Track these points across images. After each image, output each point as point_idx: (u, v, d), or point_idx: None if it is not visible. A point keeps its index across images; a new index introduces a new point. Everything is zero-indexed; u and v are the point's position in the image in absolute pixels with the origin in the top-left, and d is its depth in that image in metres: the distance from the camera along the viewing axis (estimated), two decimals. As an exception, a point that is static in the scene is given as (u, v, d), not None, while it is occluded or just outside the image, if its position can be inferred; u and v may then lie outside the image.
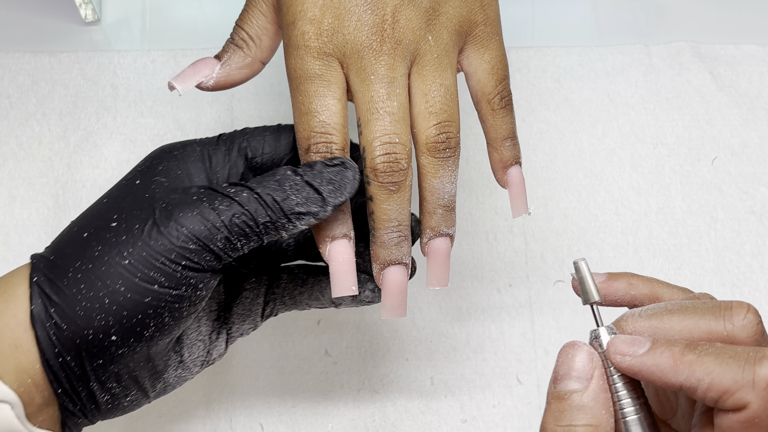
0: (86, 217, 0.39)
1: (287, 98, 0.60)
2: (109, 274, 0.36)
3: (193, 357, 0.41)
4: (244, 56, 0.42)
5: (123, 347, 0.36)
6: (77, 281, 0.36)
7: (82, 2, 0.60)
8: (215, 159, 0.41)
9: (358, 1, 0.38)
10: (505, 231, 0.57)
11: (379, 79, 0.38)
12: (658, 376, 0.32)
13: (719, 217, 0.58)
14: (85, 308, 0.35)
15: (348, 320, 0.54)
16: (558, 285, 0.56)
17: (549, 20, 0.64)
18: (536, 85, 0.61)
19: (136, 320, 0.36)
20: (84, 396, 0.37)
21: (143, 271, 0.36)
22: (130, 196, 0.38)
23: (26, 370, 0.36)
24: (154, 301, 0.36)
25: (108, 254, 0.36)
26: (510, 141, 0.42)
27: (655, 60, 0.63)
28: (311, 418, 0.52)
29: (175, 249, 0.36)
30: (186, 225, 0.36)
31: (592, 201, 0.58)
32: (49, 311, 0.36)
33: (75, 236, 0.38)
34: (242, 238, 0.37)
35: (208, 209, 0.36)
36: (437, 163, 0.39)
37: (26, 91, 0.59)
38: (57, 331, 0.36)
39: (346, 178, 0.38)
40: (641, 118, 0.61)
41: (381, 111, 0.38)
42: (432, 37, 0.39)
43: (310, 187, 0.37)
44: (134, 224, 0.37)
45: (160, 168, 0.40)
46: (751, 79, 0.62)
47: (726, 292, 0.57)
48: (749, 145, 0.60)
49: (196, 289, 0.37)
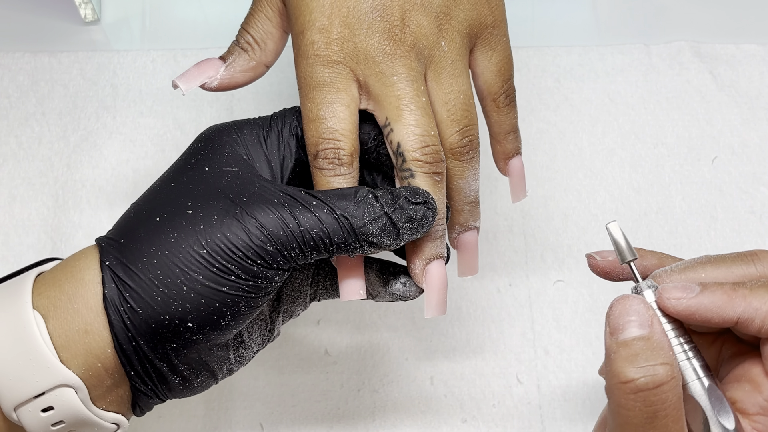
0: (154, 200, 0.38)
1: (287, 98, 0.61)
2: (187, 261, 0.36)
3: (254, 337, 0.41)
4: (249, 59, 0.43)
5: (198, 334, 0.36)
6: (153, 266, 0.36)
7: (81, 2, 0.60)
8: (270, 141, 0.40)
9: (367, 9, 0.39)
10: (505, 231, 0.57)
11: (403, 78, 0.39)
12: (716, 313, 0.34)
13: (719, 216, 0.58)
14: (163, 294, 0.35)
15: (348, 320, 0.54)
16: (558, 285, 0.56)
17: (549, 20, 0.64)
18: (536, 85, 0.61)
19: (214, 308, 0.36)
20: (156, 378, 0.38)
21: (221, 262, 0.36)
22: (202, 184, 0.38)
23: (96, 354, 0.36)
24: (231, 290, 0.36)
25: (185, 242, 0.36)
26: (513, 134, 0.44)
27: (655, 60, 0.63)
28: (311, 417, 0.52)
29: (252, 247, 0.36)
30: (266, 226, 0.36)
31: (592, 201, 0.58)
32: (124, 295, 0.36)
33: (145, 220, 0.37)
34: (314, 251, 0.37)
35: (289, 216, 0.36)
36: (462, 165, 0.41)
37: (26, 90, 0.59)
38: (132, 315, 0.36)
39: (426, 218, 0.38)
40: (641, 118, 0.61)
41: (412, 106, 0.39)
42: (445, 43, 0.40)
43: (389, 219, 0.37)
44: (212, 214, 0.36)
45: (226, 154, 0.39)
46: (751, 79, 0.62)
47: (726, 291, 0.57)
48: (749, 145, 0.60)
49: (271, 281, 0.37)
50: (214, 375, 0.40)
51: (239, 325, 0.38)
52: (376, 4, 0.39)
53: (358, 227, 0.37)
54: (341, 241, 0.37)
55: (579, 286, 0.56)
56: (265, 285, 0.37)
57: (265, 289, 0.37)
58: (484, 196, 0.58)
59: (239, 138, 0.40)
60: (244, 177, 0.38)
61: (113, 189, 0.56)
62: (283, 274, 0.38)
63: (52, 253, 0.55)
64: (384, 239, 0.37)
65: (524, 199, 0.46)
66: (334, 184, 0.39)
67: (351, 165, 0.39)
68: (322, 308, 0.55)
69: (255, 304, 0.37)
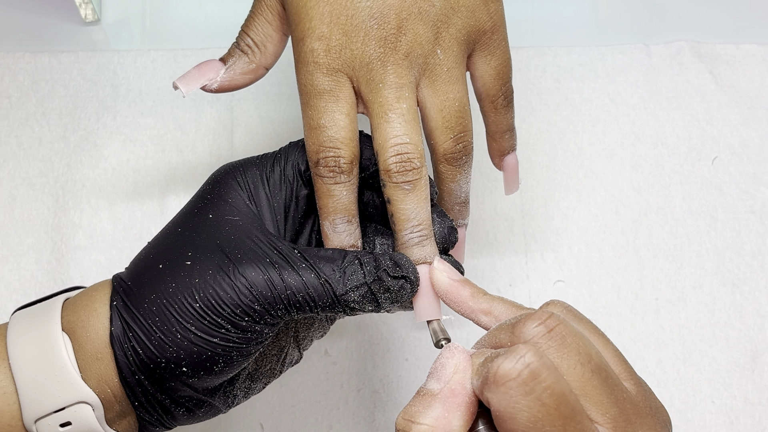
0: (161, 245, 0.40)
1: (287, 98, 0.61)
2: (182, 312, 0.37)
3: (263, 370, 0.43)
4: (249, 62, 0.43)
5: (193, 377, 0.38)
6: (152, 313, 0.37)
7: (82, 2, 0.60)
8: (272, 180, 0.41)
9: (365, 17, 0.39)
10: (505, 231, 0.57)
11: (388, 85, 0.39)
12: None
13: (719, 216, 0.58)
14: (159, 339, 0.37)
15: (348, 320, 0.54)
16: (558, 285, 0.56)
17: (549, 20, 0.64)
18: (536, 85, 0.61)
19: (206, 356, 0.38)
20: (160, 409, 0.39)
21: (211, 316, 0.37)
22: (204, 234, 0.39)
23: (106, 381, 0.38)
24: (222, 341, 0.38)
25: (181, 293, 0.37)
26: (509, 133, 0.45)
27: (655, 60, 0.63)
28: (311, 418, 0.52)
29: (241, 305, 0.37)
30: (255, 286, 0.37)
31: (593, 201, 0.58)
32: (127, 335, 0.38)
33: (151, 265, 0.39)
34: (300, 311, 0.38)
35: (278, 277, 0.38)
36: (455, 170, 0.42)
37: (26, 90, 0.59)
38: (134, 353, 0.38)
39: (404, 290, 0.39)
40: (641, 118, 0.61)
41: (390, 114, 0.39)
42: (441, 51, 0.40)
43: (370, 290, 0.38)
44: (207, 268, 0.38)
45: (230, 200, 0.40)
46: (752, 79, 0.62)
47: (726, 292, 0.57)
48: (749, 145, 0.60)
49: (261, 334, 0.38)
50: (218, 408, 0.41)
51: (234, 370, 0.39)
52: (374, 12, 0.39)
53: (339, 294, 0.38)
54: (325, 305, 0.38)
55: (579, 287, 0.56)
56: (255, 337, 0.38)
57: (255, 340, 0.38)
58: (484, 196, 0.58)
59: (243, 181, 0.41)
60: (243, 228, 0.39)
61: (113, 189, 0.56)
62: (273, 328, 0.39)
63: (52, 253, 0.55)
64: (365, 306, 0.38)
65: (516, 191, 0.48)
66: (335, 191, 0.40)
67: (351, 173, 0.40)
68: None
69: (248, 353, 0.39)
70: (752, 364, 0.55)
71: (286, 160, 0.41)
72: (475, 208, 0.58)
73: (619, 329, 0.55)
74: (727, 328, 0.56)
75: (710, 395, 0.54)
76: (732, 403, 0.54)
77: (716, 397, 0.54)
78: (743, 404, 0.54)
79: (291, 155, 0.42)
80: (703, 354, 0.55)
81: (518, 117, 0.60)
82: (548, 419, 0.29)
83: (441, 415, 0.32)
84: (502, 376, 0.30)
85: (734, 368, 0.55)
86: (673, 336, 0.55)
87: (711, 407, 0.54)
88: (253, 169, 0.41)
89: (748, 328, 0.56)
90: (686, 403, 0.54)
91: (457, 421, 0.32)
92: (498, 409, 0.30)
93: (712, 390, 0.54)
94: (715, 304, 0.56)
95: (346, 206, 0.40)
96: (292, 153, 0.42)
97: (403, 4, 0.39)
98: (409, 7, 0.39)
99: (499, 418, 0.30)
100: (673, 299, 0.56)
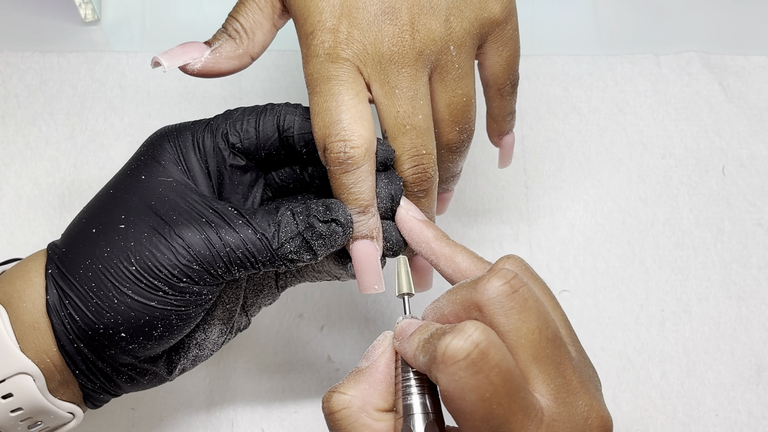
0: (93, 208, 0.40)
1: (295, 102, 0.60)
2: (118, 276, 0.37)
3: (211, 337, 0.42)
4: (236, 47, 0.42)
5: (133, 343, 0.38)
6: (88, 279, 0.37)
7: (81, 2, 0.60)
8: (206, 147, 0.41)
9: (375, 11, 0.39)
10: (511, 239, 0.57)
11: (404, 93, 0.39)
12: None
13: (726, 229, 0.58)
14: (96, 305, 0.37)
15: (351, 326, 0.54)
16: (563, 295, 0.56)
17: (558, 29, 0.64)
18: (545, 94, 0.61)
19: (144, 321, 0.37)
20: (102, 378, 0.39)
21: (149, 279, 0.37)
22: (137, 195, 0.39)
23: (44, 350, 0.38)
24: (160, 305, 0.37)
25: (116, 257, 0.37)
26: (510, 116, 0.46)
27: (664, 70, 0.62)
28: (313, 423, 0.52)
29: (179, 266, 0.37)
30: (193, 246, 0.37)
31: (599, 211, 0.58)
32: (64, 302, 0.37)
33: (84, 230, 0.38)
34: (241, 269, 0.38)
35: (215, 236, 0.37)
36: (456, 155, 0.43)
37: (34, 90, 0.59)
38: (71, 321, 0.37)
39: (336, 233, 0.38)
40: (649, 128, 0.61)
41: (407, 126, 0.39)
42: (454, 47, 0.40)
43: (303, 239, 0.38)
44: (143, 231, 0.37)
45: (164, 162, 0.40)
46: (761, 91, 0.62)
47: (732, 304, 0.56)
48: (758, 157, 0.60)
49: (200, 295, 0.38)
50: (161, 377, 0.41)
51: (175, 335, 0.39)
52: (385, 6, 0.39)
53: (276, 248, 0.38)
54: (266, 260, 0.38)
55: (584, 297, 0.56)
56: (195, 299, 0.38)
57: (195, 303, 0.38)
58: (490, 204, 0.58)
59: (175, 144, 0.40)
60: (177, 190, 0.39)
61: (119, 190, 0.56)
62: (214, 289, 0.38)
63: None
64: (303, 256, 0.38)
65: (509, 165, 0.50)
66: (345, 180, 0.38)
67: (362, 159, 0.38)
68: (326, 315, 0.54)
69: (188, 317, 0.38)
70: (757, 378, 0.55)
71: (216, 128, 0.41)
72: (481, 215, 0.58)
73: (624, 340, 0.55)
74: (732, 341, 0.56)
75: (714, 408, 0.54)
76: (736, 416, 0.54)
77: (720, 411, 0.54)
78: (747, 418, 0.54)
79: (222, 125, 0.41)
80: (707, 367, 0.55)
81: (526, 125, 0.60)
82: (495, 397, 0.30)
83: (364, 389, 0.35)
84: (451, 356, 0.30)
85: (739, 382, 0.55)
86: (677, 348, 0.55)
87: (715, 420, 0.54)
88: (186, 133, 0.41)
89: (753, 342, 0.56)
90: (690, 416, 0.54)
91: (378, 395, 0.35)
92: (447, 389, 0.31)
93: (716, 403, 0.54)
94: (721, 317, 0.56)
95: (357, 197, 0.39)
96: (223, 123, 0.41)
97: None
98: (421, 0, 0.39)
99: (447, 397, 0.31)
100: (678, 311, 0.56)
